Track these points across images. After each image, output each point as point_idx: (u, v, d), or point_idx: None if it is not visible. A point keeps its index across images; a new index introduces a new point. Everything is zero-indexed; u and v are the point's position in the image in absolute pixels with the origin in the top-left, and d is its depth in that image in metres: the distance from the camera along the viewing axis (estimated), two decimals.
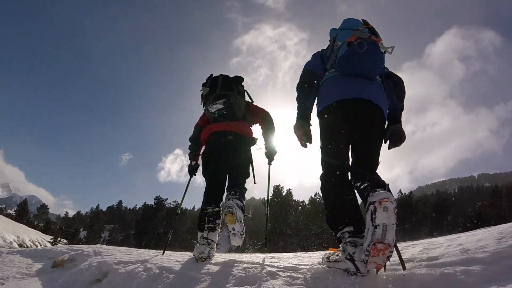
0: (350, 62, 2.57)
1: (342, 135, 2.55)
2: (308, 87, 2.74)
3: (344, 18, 2.96)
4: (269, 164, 3.97)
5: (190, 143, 3.79)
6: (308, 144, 2.68)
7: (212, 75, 3.88)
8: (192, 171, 3.85)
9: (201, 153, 3.81)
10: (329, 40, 2.86)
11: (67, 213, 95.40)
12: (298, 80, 2.83)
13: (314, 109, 2.85)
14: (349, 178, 2.52)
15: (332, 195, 2.45)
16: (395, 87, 2.75)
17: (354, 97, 2.52)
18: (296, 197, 51.77)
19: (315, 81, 2.76)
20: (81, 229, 70.24)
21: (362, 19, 2.86)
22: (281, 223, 46.79)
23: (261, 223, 53.25)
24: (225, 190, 3.51)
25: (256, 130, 3.93)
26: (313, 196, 49.70)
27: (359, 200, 2.39)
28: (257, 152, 3.88)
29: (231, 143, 3.55)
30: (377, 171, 2.52)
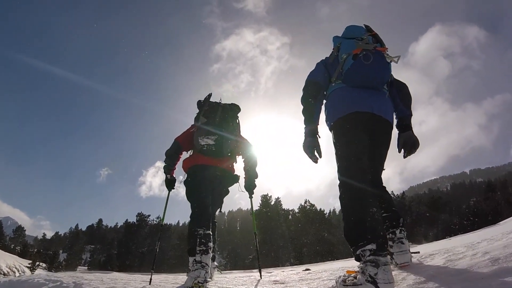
0: (357, 75, 2.61)
1: (360, 145, 2.55)
2: (313, 101, 2.75)
3: (347, 25, 3.00)
4: (250, 197, 4.12)
5: (166, 157, 3.88)
6: (319, 159, 2.67)
7: (210, 95, 4.04)
8: (170, 184, 3.96)
9: (184, 177, 3.78)
10: (333, 49, 2.89)
11: (44, 234, 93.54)
12: (302, 93, 2.83)
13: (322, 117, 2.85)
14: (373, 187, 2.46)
15: (355, 206, 2.29)
16: (399, 93, 2.81)
17: (366, 111, 2.57)
18: (284, 205, 51.77)
19: (320, 93, 2.78)
20: (61, 251, 68.81)
21: (365, 25, 2.92)
22: (271, 233, 46.40)
23: (249, 235, 52.89)
24: None
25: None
26: (302, 204, 49.81)
27: None
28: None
29: (217, 178, 3.70)
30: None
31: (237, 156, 4.01)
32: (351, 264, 5.52)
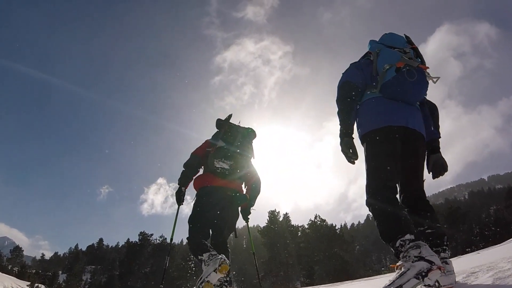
0: (397, 89, 2.68)
1: (393, 157, 2.63)
2: (351, 102, 2.78)
3: (385, 33, 3.04)
4: (247, 221, 4.29)
5: (185, 169, 3.99)
6: (355, 160, 2.70)
7: (230, 116, 4.20)
8: (180, 198, 4.05)
9: (195, 196, 3.93)
10: (369, 53, 2.97)
11: (43, 255, 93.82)
12: (339, 93, 2.86)
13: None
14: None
15: (389, 209, 2.46)
16: (432, 115, 2.96)
17: (401, 125, 2.64)
18: (293, 221, 50.93)
19: (357, 96, 2.82)
20: (60, 272, 68.71)
21: (405, 35, 2.98)
22: (280, 251, 45.91)
23: (257, 252, 52.17)
24: (210, 240, 3.74)
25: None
26: (312, 219, 49.35)
27: None
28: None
29: (228, 198, 3.84)
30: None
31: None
32: (374, 284, 5.53)
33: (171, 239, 4.42)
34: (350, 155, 2.66)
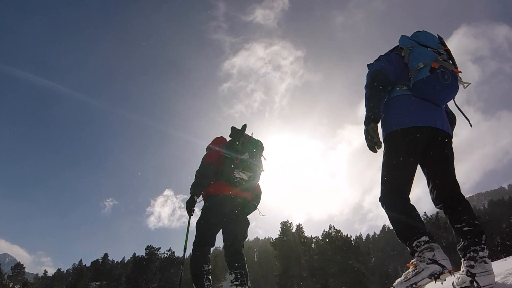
0: (429, 90, 2.76)
1: (414, 161, 2.79)
2: (382, 90, 2.84)
3: (416, 30, 3.10)
4: None
5: (200, 177, 4.01)
6: (378, 148, 2.78)
7: (245, 126, 4.26)
8: (191, 208, 4.08)
9: (205, 201, 4.11)
10: (400, 48, 3.04)
11: (46, 271, 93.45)
12: (369, 79, 2.92)
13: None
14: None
15: (404, 209, 2.67)
16: (451, 125, 3.01)
17: (429, 126, 2.74)
18: (306, 233, 50.59)
19: (388, 86, 2.88)
20: None
21: (438, 35, 3.05)
22: (293, 264, 45.63)
23: (268, 266, 52.21)
24: (225, 258, 3.89)
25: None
26: (327, 230, 49.09)
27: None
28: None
29: (239, 206, 4.03)
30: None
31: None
32: None
33: (185, 249, 4.43)
34: (376, 140, 2.71)
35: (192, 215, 4.17)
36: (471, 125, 3.09)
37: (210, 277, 3.80)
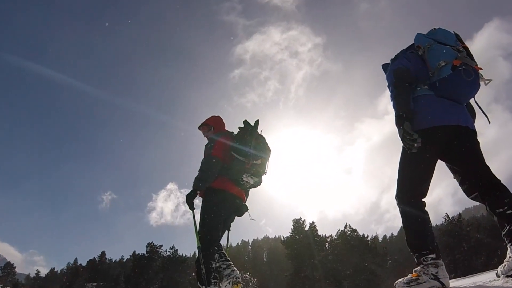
0: (452, 88, 2.90)
1: (433, 163, 2.99)
2: (409, 87, 2.97)
3: (433, 28, 3.24)
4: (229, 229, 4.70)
5: (206, 172, 4.08)
6: (418, 146, 2.83)
7: (258, 122, 4.38)
8: (193, 203, 4.16)
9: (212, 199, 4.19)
10: (417, 47, 3.14)
11: (38, 271, 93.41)
12: (394, 78, 3.02)
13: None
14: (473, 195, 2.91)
15: (419, 220, 2.95)
16: (472, 114, 3.17)
17: (453, 124, 2.88)
18: (319, 232, 50.72)
19: (413, 83, 3.01)
20: None
21: (454, 32, 3.18)
22: (305, 264, 46.07)
23: (278, 266, 52.04)
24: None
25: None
26: (342, 229, 49.36)
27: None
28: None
29: (236, 205, 4.30)
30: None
31: None
32: None
33: (199, 247, 4.32)
34: (415, 138, 2.76)
35: (195, 209, 4.21)
36: (489, 122, 3.19)
37: (217, 275, 3.98)
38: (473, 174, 2.90)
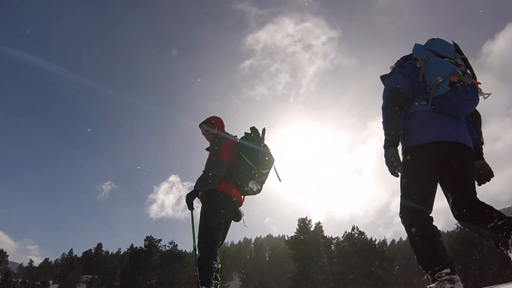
0: (450, 105, 2.94)
1: (434, 177, 2.99)
2: (400, 110, 3.01)
3: (431, 38, 3.26)
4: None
5: (210, 173, 4.07)
6: (400, 172, 2.98)
7: (264, 131, 4.42)
8: (193, 201, 4.19)
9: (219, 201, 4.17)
10: (414, 58, 3.16)
11: (31, 261, 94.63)
12: (386, 100, 3.10)
13: None
14: (464, 216, 2.93)
15: (428, 237, 2.88)
16: (475, 121, 3.21)
17: (450, 140, 2.91)
18: (325, 232, 50.70)
19: (406, 105, 3.05)
20: (51, 281, 68.99)
21: (453, 43, 3.18)
22: (309, 266, 45.77)
23: (280, 266, 51.98)
24: None
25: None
26: (349, 231, 49.07)
27: None
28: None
29: (234, 211, 4.28)
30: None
31: None
32: None
33: (195, 249, 4.35)
34: (396, 165, 2.92)
35: (194, 209, 4.27)
36: (485, 98, 3.16)
37: (218, 276, 3.94)
38: (463, 200, 2.95)
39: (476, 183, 3.09)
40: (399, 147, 3.09)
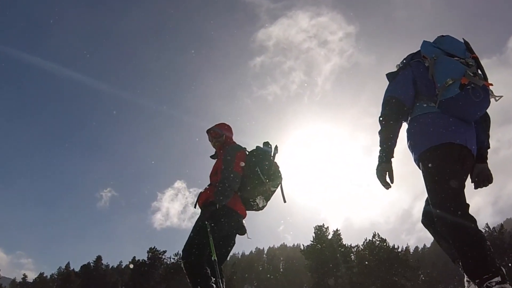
0: (460, 108, 2.94)
1: (461, 178, 2.92)
2: (395, 124, 3.08)
3: (440, 35, 3.30)
4: None
5: (229, 188, 4.09)
6: (391, 186, 3.06)
7: (277, 148, 4.52)
8: (210, 215, 4.16)
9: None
10: (423, 57, 3.19)
11: (25, 276, 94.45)
12: (382, 111, 3.16)
13: None
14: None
15: (476, 236, 2.72)
16: (484, 123, 3.23)
17: (460, 144, 2.92)
18: (343, 240, 50.47)
19: (403, 115, 3.13)
20: None
21: (464, 40, 3.20)
22: (326, 277, 45.61)
23: (296, 277, 52.10)
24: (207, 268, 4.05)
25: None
26: (370, 239, 48.99)
27: None
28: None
29: (239, 225, 4.37)
30: None
31: None
32: None
33: (215, 261, 4.23)
34: (384, 184, 3.02)
35: (211, 223, 4.23)
36: (496, 100, 3.22)
37: (212, 283, 3.93)
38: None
39: (473, 184, 3.15)
40: (404, 149, 3.16)
